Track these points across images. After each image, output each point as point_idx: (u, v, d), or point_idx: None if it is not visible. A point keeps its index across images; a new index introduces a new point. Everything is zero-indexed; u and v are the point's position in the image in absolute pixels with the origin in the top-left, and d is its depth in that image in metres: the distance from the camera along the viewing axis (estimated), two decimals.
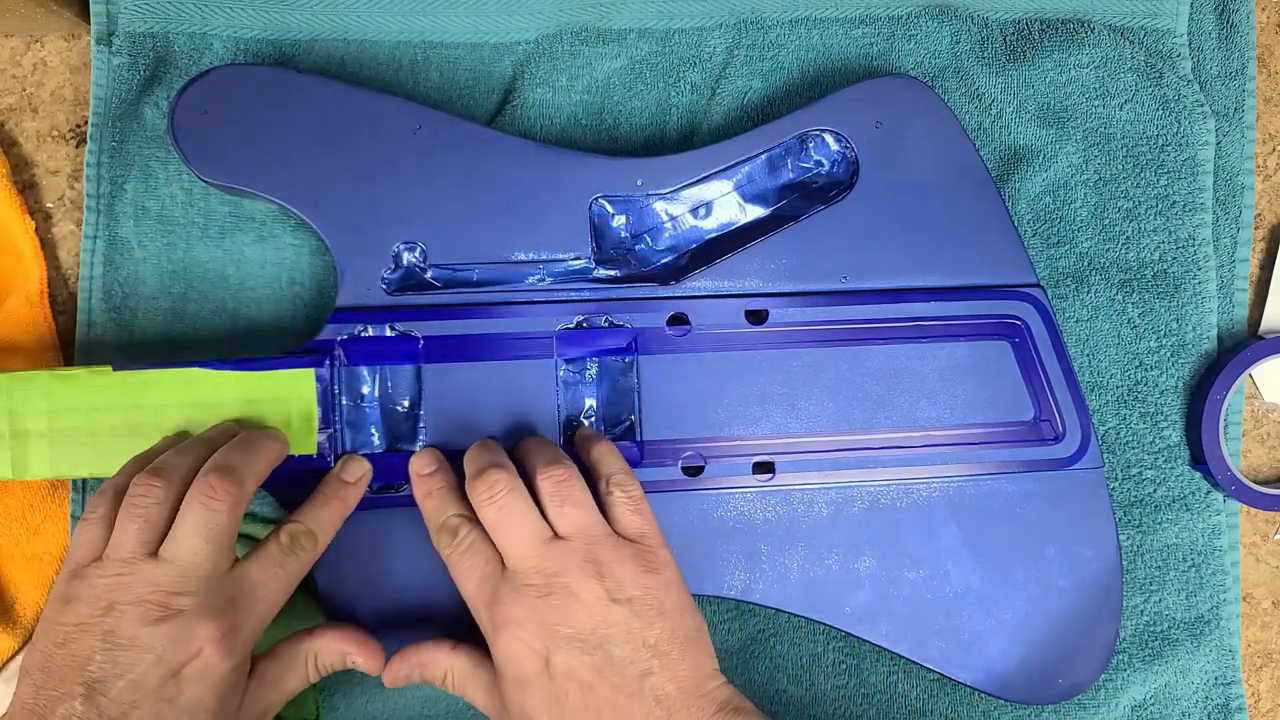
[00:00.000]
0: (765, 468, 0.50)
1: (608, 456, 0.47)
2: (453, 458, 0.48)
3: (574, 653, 0.42)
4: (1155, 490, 0.56)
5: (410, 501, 0.48)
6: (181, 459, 0.44)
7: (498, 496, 0.44)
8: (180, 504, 0.42)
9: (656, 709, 0.41)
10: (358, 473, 0.47)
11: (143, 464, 0.44)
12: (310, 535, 0.45)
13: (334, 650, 0.46)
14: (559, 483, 0.44)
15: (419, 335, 0.49)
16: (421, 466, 0.47)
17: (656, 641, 0.42)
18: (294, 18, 0.54)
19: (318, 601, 0.49)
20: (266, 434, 0.46)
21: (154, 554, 0.41)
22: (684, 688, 0.42)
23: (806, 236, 0.51)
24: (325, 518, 0.46)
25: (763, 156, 0.51)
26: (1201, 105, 0.56)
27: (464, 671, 0.46)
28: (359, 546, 0.48)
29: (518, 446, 0.48)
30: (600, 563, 0.43)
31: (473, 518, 0.45)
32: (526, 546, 0.43)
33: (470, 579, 0.44)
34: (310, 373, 0.48)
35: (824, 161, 0.52)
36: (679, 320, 0.50)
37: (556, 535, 0.44)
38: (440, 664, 0.46)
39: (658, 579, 0.44)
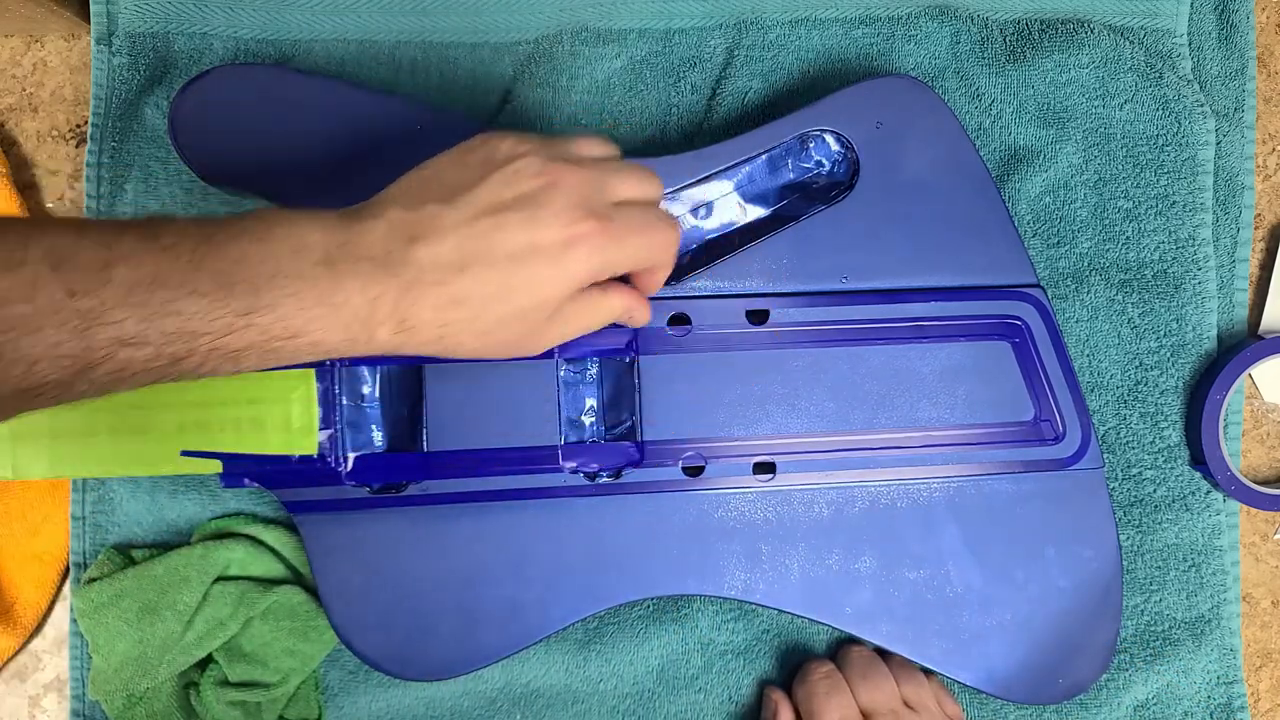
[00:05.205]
0: (766, 468, 0.50)
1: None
2: (454, 457, 0.48)
3: None
4: (1155, 490, 0.56)
5: (410, 501, 0.48)
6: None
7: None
8: None
9: None
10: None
11: None
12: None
13: (628, 304, 0.43)
14: None
15: None
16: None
17: None
18: (294, 18, 0.54)
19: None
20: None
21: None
22: None
23: (807, 236, 0.51)
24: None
25: (763, 157, 0.51)
26: (1201, 105, 0.56)
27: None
28: (359, 546, 0.48)
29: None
30: None
31: None
32: None
33: None
34: (310, 373, 0.48)
35: (824, 161, 0.52)
36: (680, 320, 0.50)
37: None
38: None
39: None
